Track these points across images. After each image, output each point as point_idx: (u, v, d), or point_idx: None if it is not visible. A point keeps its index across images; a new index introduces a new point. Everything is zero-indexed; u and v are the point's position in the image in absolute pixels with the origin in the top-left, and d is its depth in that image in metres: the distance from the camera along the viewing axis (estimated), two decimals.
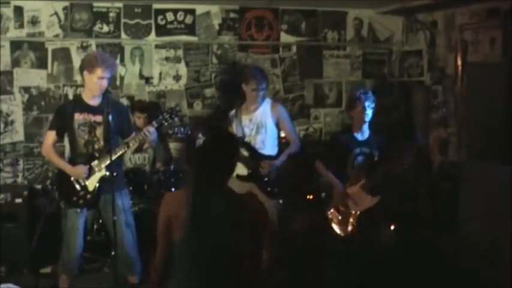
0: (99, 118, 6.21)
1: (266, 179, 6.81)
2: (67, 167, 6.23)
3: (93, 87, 6.16)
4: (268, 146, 6.95)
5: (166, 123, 6.46)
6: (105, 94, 6.13)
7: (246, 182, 6.73)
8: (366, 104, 6.71)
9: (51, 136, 6.32)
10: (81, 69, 6.24)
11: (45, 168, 8.20)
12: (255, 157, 6.84)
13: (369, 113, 6.75)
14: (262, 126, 6.95)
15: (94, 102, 6.24)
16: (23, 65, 8.12)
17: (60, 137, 6.37)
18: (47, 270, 7.14)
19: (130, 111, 7.50)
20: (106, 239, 6.97)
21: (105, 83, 6.14)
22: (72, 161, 6.27)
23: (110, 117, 5.99)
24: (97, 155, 6.21)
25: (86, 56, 6.64)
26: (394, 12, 8.73)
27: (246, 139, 6.90)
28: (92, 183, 6.20)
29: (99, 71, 6.07)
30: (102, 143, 6.24)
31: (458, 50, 7.84)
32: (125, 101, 8.22)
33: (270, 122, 6.99)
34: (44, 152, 6.44)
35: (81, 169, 6.18)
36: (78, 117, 6.22)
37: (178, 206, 4.14)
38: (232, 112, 7.19)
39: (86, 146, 6.26)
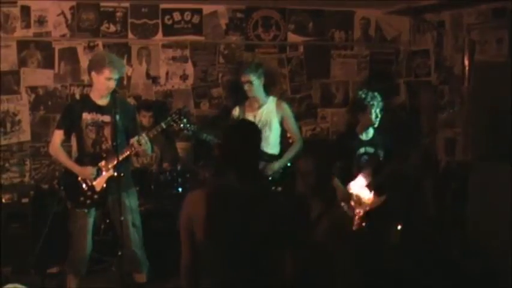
0: (107, 118, 6.17)
1: (270, 178, 6.78)
2: (75, 167, 6.20)
3: (100, 87, 6.14)
4: (271, 144, 6.93)
5: (175, 124, 6.41)
6: (113, 93, 6.10)
7: None
8: (376, 110, 6.62)
9: (58, 135, 6.27)
10: (89, 69, 6.19)
11: (52, 168, 8.19)
12: None
13: (378, 118, 6.67)
14: (266, 124, 6.93)
15: (102, 101, 6.21)
16: (30, 65, 8.12)
17: (67, 137, 6.33)
18: (54, 270, 7.13)
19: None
20: (113, 239, 6.97)
21: (112, 83, 6.10)
22: (80, 161, 6.24)
23: (118, 117, 5.98)
24: (104, 155, 6.20)
25: (94, 56, 6.61)
26: (402, 12, 8.72)
27: None
28: (99, 184, 6.18)
29: (107, 72, 6.04)
30: (109, 143, 6.20)
31: (466, 50, 7.81)
32: (131, 101, 8.18)
33: (274, 120, 6.98)
34: (51, 151, 6.39)
35: (90, 170, 6.16)
36: (87, 116, 6.19)
37: (199, 206, 3.98)
38: (236, 111, 7.19)
39: (94, 145, 6.23)
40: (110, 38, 8.35)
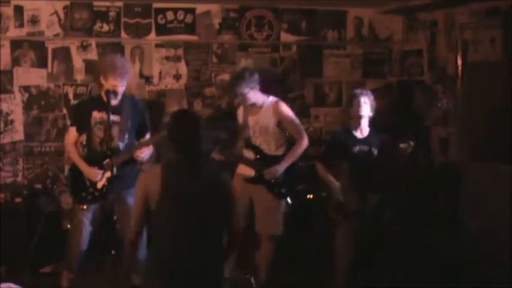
0: (116, 117, 6.33)
1: (273, 180, 6.69)
2: (83, 166, 6.37)
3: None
4: (273, 147, 6.76)
5: None
6: (107, 93, 6.17)
7: (254, 184, 6.68)
8: (362, 99, 6.60)
9: (72, 132, 6.49)
10: (99, 72, 6.43)
11: (45, 167, 8.18)
12: (261, 159, 6.73)
13: (366, 108, 6.63)
14: (265, 128, 6.73)
15: (113, 101, 6.31)
16: (23, 64, 8.09)
17: (81, 134, 6.50)
18: (47, 269, 7.12)
19: None
20: (108, 238, 6.96)
21: (118, 89, 6.29)
22: (88, 159, 6.41)
23: (128, 117, 6.27)
24: (110, 153, 6.29)
25: (104, 61, 6.77)
26: (395, 11, 8.73)
27: (252, 140, 6.79)
28: (100, 181, 6.29)
29: (111, 80, 6.23)
30: (117, 142, 6.34)
31: (459, 50, 7.83)
32: None
33: (271, 123, 6.74)
34: (66, 148, 6.50)
35: (96, 172, 6.30)
36: (96, 115, 6.36)
37: (154, 183, 4.34)
38: (239, 114, 7.00)
39: (101, 144, 6.37)
40: (103, 37, 8.33)
